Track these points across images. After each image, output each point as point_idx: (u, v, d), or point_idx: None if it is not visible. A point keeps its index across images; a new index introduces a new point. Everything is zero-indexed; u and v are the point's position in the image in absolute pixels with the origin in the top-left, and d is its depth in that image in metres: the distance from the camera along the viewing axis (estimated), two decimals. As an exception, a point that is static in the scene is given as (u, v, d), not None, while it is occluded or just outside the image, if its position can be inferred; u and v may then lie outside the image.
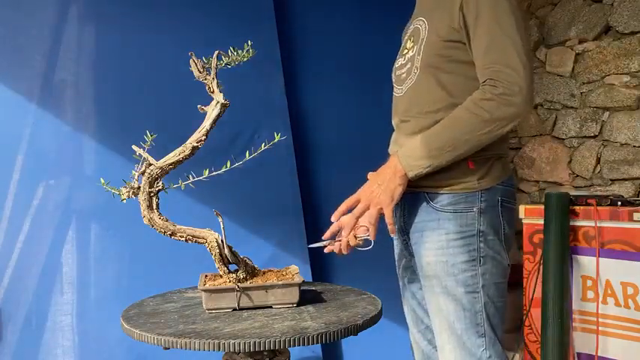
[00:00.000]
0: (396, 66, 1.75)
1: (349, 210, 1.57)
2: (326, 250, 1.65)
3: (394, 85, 1.75)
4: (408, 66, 1.66)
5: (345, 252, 1.61)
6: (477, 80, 1.52)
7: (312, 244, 1.68)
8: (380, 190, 1.52)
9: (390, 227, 1.53)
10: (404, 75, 1.67)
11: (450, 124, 1.50)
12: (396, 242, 1.81)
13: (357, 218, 1.55)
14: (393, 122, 1.74)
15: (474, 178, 1.55)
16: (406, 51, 1.70)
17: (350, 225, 1.56)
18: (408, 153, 1.52)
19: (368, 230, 1.55)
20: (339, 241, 1.61)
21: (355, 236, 1.59)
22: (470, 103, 1.48)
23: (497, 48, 1.48)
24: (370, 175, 1.57)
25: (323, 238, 1.63)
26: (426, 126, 1.55)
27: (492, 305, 1.57)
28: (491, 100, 1.45)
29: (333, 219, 1.59)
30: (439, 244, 1.57)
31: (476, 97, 1.48)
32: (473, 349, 1.56)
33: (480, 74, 1.51)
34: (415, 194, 1.61)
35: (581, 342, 2.53)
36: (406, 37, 1.74)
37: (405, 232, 1.70)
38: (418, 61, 1.61)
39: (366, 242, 1.60)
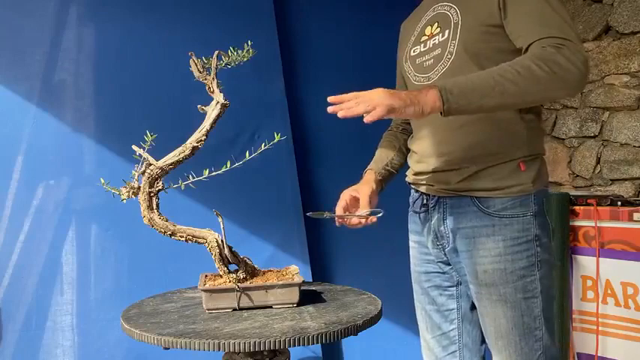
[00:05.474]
0: (413, 54, 1.64)
1: None
2: (337, 223, 1.63)
3: (414, 73, 1.64)
4: (437, 52, 1.56)
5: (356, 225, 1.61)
6: None
7: (311, 213, 1.67)
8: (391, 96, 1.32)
9: None
10: (430, 62, 1.57)
11: (512, 68, 1.33)
12: (414, 244, 1.74)
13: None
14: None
15: (528, 180, 1.49)
16: (425, 38, 1.61)
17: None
18: (457, 86, 1.32)
19: (369, 213, 1.56)
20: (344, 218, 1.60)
21: (360, 219, 1.58)
22: (535, 58, 1.34)
23: (551, 22, 1.38)
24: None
25: (325, 215, 1.63)
26: (473, 115, 1.46)
27: (549, 308, 1.54)
28: (561, 58, 1.32)
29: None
30: (496, 251, 1.51)
31: (543, 51, 1.34)
32: (530, 354, 1.53)
33: (532, 48, 1.37)
34: (460, 198, 1.55)
35: (581, 342, 2.53)
36: (423, 24, 1.64)
37: (443, 237, 1.61)
38: (453, 45, 1.51)
39: (374, 212, 1.60)
